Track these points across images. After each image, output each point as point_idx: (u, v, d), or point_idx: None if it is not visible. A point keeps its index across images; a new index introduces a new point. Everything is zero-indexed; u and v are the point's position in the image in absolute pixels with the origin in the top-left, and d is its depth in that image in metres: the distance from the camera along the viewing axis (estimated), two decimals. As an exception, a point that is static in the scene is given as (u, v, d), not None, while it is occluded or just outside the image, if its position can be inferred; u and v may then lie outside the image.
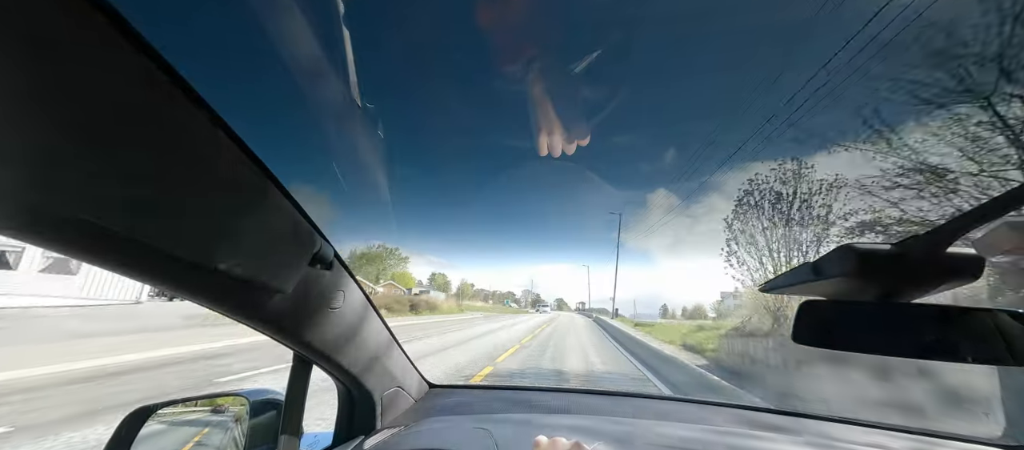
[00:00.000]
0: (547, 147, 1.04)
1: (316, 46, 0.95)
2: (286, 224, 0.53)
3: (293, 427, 0.82)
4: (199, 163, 0.38)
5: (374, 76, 1.81)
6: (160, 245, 0.35)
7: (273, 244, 0.50)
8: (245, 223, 0.44)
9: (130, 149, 0.31)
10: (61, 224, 0.29)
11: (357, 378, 0.93)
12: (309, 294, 0.64)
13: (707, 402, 1.37)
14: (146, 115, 0.32)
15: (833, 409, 4.77)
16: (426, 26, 1.67)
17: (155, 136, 0.33)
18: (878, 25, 6.23)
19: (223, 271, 0.42)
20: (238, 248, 0.43)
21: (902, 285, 0.39)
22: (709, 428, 1.06)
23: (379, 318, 0.97)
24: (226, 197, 0.41)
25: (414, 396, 1.24)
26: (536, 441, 0.61)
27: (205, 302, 0.47)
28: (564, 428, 0.99)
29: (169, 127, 0.34)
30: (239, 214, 0.43)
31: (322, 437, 1.03)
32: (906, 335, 0.40)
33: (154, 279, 0.39)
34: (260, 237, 0.48)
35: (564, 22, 1.15)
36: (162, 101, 0.33)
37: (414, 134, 46.32)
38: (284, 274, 0.53)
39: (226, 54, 6.58)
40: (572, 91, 1.01)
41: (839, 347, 0.44)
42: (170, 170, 0.35)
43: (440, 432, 1.00)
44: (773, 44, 24.25)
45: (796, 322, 0.47)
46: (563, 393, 1.47)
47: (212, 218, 0.40)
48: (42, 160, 0.26)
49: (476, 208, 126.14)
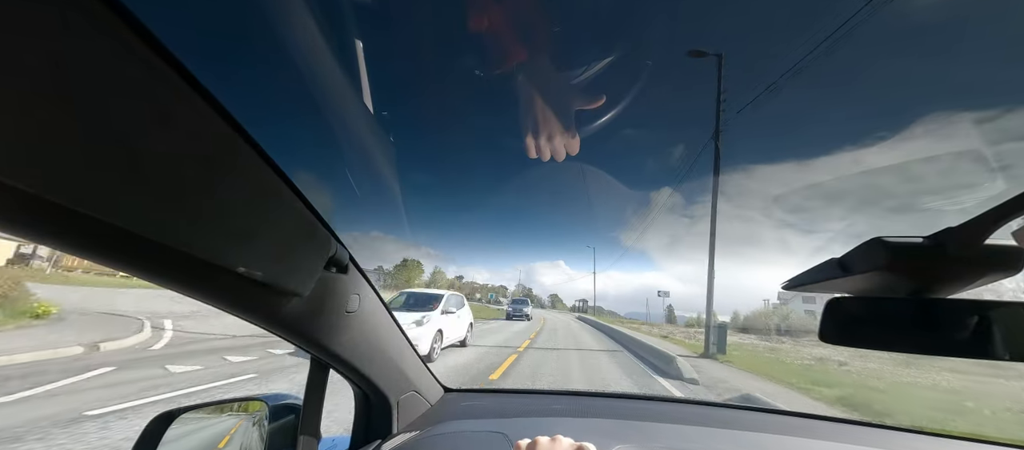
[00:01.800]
0: (546, 152, 1.03)
1: (331, 53, 0.97)
2: (303, 227, 0.53)
3: (311, 430, 0.83)
4: (220, 166, 0.38)
5: (385, 82, 1.85)
6: (181, 247, 0.35)
7: (291, 247, 0.51)
8: (264, 226, 0.45)
9: (152, 150, 0.32)
10: (80, 225, 0.30)
11: (373, 382, 0.93)
12: (325, 297, 0.65)
13: (730, 406, 1.34)
14: (166, 117, 0.33)
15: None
16: (435, 35, 1.68)
17: (175, 138, 0.34)
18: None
19: (242, 274, 0.42)
20: (257, 251, 0.44)
21: (937, 280, 0.38)
22: (731, 432, 1.03)
23: (394, 321, 0.98)
24: (246, 200, 0.42)
25: (430, 400, 1.24)
26: (536, 440, 0.60)
27: (224, 305, 0.48)
28: (580, 431, 0.97)
29: (189, 129, 0.35)
30: (258, 217, 0.44)
31: (340, 441, 1.03)
32: (941, 332, 0.38)
33: (173, 282, 0.40)
34: (279, 240, 0.48)
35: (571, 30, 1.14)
36: (182, 104, 0.34)
37: (423, 138, 46.68)
38: (301, 277, 0.54)
39: (242, 60, 6.78)
40: (573, 95, 1.01)
41: (870, 346, 0.42)
42: (192, 173, 0.36)
43: (457, 436, 1.00)
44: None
45: (823, 320, 0.45)
46: (579, 397, 1.46)
47: (233, 221, 0.41)
48: (63, 159, 0.27)
49: (480, 207, 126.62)
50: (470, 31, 0.86)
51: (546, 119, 1.01)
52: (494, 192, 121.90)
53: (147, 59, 0.31)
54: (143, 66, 0.31)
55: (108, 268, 0.35)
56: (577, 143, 1.02)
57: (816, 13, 18.28)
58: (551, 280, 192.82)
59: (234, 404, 1.01)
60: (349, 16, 1.07)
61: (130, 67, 0.30)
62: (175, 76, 0.33)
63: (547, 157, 1.05)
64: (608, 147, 49.65)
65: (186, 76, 0.34)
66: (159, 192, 0.33)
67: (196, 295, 0.44)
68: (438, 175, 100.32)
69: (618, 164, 72.34)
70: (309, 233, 0.55)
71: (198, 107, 0.35)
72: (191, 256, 0.37)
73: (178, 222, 0.35)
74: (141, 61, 0.30)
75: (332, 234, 0.60)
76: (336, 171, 1.34)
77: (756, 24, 37.37)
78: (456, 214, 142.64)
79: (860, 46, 44.58)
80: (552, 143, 1.02)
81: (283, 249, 0.49)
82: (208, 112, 0.36)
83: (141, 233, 0.32)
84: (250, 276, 0.43)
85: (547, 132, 1.02)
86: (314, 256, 0.57)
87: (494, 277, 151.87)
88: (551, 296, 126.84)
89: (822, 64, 10.06)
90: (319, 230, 0.57)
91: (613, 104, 1.12)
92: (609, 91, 1.04)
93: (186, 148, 0.35)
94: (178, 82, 0.33)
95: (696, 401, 1.38)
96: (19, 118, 0.25)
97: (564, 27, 0.98)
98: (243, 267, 0.42)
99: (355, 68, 1.05)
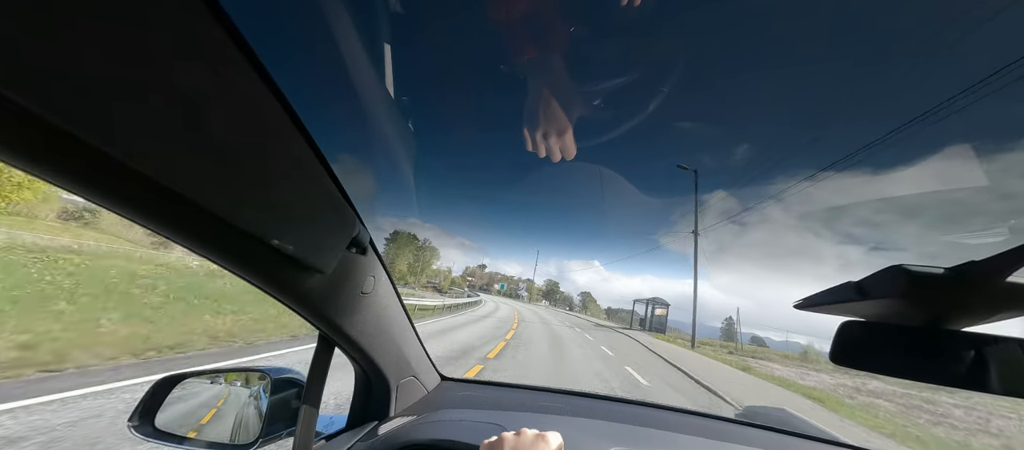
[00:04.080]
0: (553, 151, 1.04)
1: (362, 43, 0.98)
2: (333, 206, 0.54)
3: (312, 405, 0.84)
4: (269, 141, 0.39)
5: (409, 75, 1.87)
6: (225, 216, 0.36)
7: (320, 224, 0.52)
8: (300, 202, 0.46)
9: (211, 120, 0.33)
10: (133, 184, 0.31)
11: (376, 364, 0.94)
12: (343, 277, 0.66)
13: (731, 420, 1.34)
14: (227, 89, 0.34)
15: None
16: (455, 30, 1.67)
17: (226, 107, 0.35)
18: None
19: (274, 246, 0.43)
20: (291, 226, 0.45)
21: (955, 312, 0.38)
22: (726, 445, 1.04)
23: (402, 307, 0.99)
24: (287, 175, 0.43)
25: (427, 386, 1.25)
26: (502, 436, 0.60)
27: (250, 274, 0.49)
28: (575, 431, 0.98)
29: (239, 100, 0.36)
30: (296, 193, 0.45)
31: (338, 419, 1.05)
32: (954, 364, 0.39)
33: (208, 248, 0.41)
34: (310, 217, 0.49)
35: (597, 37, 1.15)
36: (243, 80, 0.35)
37: (442, 130, 47.05)
38: (325, 255, 0.55)
39: (295, 44, 6.82)
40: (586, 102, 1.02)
41: (881, 371, 0.43)
42: (243, 145, 0.37)
43: (452, 424, 1.01)
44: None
45: (835, 342, 0.46)
46: (576, 397, 1.46)
47: (274, 194, 0.42)
48: (126, 116, 0.28)
49: (500, 198, 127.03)
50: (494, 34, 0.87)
51: (558, 122, 1.02)
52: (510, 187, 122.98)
53: (214, 35, 0.32)
54: (209, 40, 0.32)
55: (147, 228, 0.36)
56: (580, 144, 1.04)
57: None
58: (585, 279, 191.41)
59: (238, 373, 1.02)
60: (381, 9, 1.08)
61: (196, 39, 0.31)
62: (238, 53, 0.34)
63: (557, 158, 1.06)
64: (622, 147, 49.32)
65: (248, 54, 0.35)
66: (213, 159, 0.34)
67: (227, 263, 0.45)
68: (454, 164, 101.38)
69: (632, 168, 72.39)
70: (337, 212, 0.56)
71: (255, 84, 0.36)
72: (232, 225, 0.38)
73: (226, 191, 0.36)
74: (207, 35, 0.31)
75: (356, 215, 0.61)
76: (358, 155, 1.36)
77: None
78: (479, 208, 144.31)
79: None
80: (558, 142, 1.04)
81: (313, 226, 0.50)
82: (263, 90, 0.37)
83: (191, 197, 0.33)
84: (282, 249, 0.44)
85: (555, 132, 1.03)
86: (340, 235, 0.58)
87: (524, 271, 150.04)
88: (582, 294, 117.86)
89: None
90: (346, 210, 0.58)
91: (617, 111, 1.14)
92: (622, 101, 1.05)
93: (240, 121, 0.36)
94: (239, 59, 0.34)
95: (694, 412, 1.38)
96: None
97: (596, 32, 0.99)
98: (277, 240, 0.43)
99: (382, 63, 1.07)
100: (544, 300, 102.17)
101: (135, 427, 0.79)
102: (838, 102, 68.50)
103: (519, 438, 0.59)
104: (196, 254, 0.42)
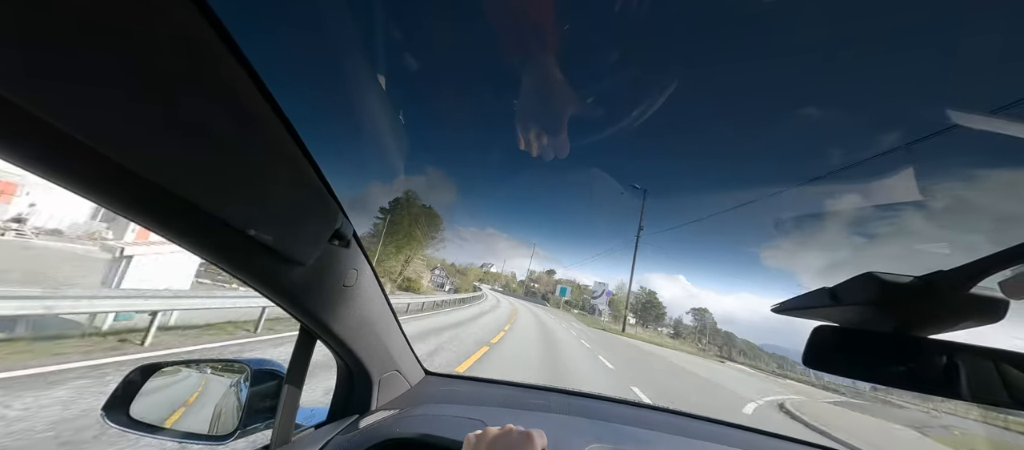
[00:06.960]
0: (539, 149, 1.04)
1: (354, 32, 0.96)
2: (314, 197, 0.53)
3: (292, 398, 0.84)
4: (245, 128, 0.38)
5: (399, 70, 1.81)
6: (196, 201, 0.35)
7: (301, 216, 0.51)
8: (279, 192, 0.45)
9: (183, 105, 0.32)
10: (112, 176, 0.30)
11: (358, 357, 0.93)
12: (325, 269, 0.65)
13: (712, 420, 1.36)
14: (200, 75, 0.33)
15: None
16: (445, 29, 1.63)
17: (206, 95, 0.34)
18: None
19: (252, 236, 0.43)
20: (269, 216, 0.44)
21: (922, 319, 0.39)
22: (706, 444, 1.06)
23: (386, 301, 0.98)
24: (265, 164, 0.42)
25: (410, 381, 1.25)
26: (486, 430, 0.59)
27: (227, 265, 0.48)
28: (557, 428, 0.99)
29: (220, 92, 0.35)
30: (275, 182, 0.44)
31: (318, 412, 1.04)
32: (918, 369, 0.40)
33: (183, 237, 0.40)
34: (290, 207, 0.48)
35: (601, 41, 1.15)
36: (218, 63, 0.34)
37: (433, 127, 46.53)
38: (306, 247, 0.54)
39: (275, 25, 6.53)
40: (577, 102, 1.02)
41: (851, 375, 0.44)
42: (217, 131, 0.35)
43: (434, 419, 1.01)
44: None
45: (808, 346, 0.46)
46: (558, 394, 1.47)
47: (252, 183, 0.41)
48: (99, 103, 0.27)
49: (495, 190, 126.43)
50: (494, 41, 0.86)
51: (551, 118, 1.01)
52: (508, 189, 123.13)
53: (190, 22, 0.31)
54: (183, 22, 0.31)
55: (117, 214, 0.35)
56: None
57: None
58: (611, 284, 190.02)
59: (217, 364, 1.01)
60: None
61: (168, 22, 0.30)
62: (213, 35, 0.33)
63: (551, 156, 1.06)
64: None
65: (224, 36, 0.34)
66: (185, 146, 0.33)
67: (202, 251, 0.44)
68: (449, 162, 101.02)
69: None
70: (319, 204, 0.55)
71: (231, 68, 0.35)
72: (204, 213, 0.37)
73: (198, 178, 0.35)
74: (181, 16, 0.30)
75: (339, 207, 0.61)
76: (345, 146, 1.34)
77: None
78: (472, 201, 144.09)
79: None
80: (549, 141, 1.03)
81: (293, 217, 0.49)
82: (241, 74, 0.36)
83: (164, 185, 0.32)
84: (260, 239, 0.43)
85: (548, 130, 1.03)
86: (321, 227, 0.57)
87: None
88: (527, 274, 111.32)
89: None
90: (329, 202, 0.57)
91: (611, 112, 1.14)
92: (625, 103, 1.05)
93: (215, 106, 0.35)
94: (215, 40, 0.33)
95: (678, 411, 1.40)
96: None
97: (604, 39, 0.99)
98: (254, 230, 0.42)
99: (377, 54, 1.05)
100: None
101: (108, 416, 0.78)
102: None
103: (506, 435, 0.59)
104: (173, 242, 0.41)
